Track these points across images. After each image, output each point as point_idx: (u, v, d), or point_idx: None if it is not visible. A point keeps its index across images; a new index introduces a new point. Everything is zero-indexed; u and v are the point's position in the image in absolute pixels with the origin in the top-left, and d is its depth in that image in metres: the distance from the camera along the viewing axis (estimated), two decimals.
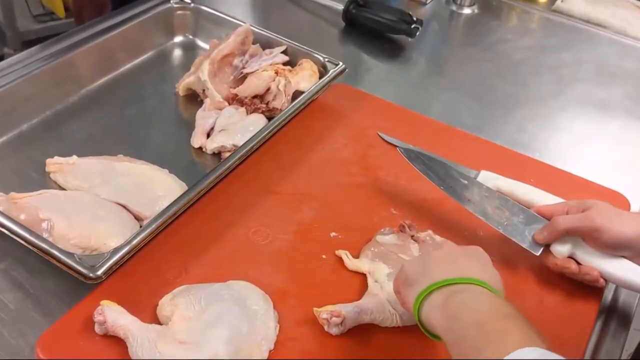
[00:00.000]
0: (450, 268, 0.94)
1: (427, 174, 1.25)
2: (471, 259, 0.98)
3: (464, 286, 0.91)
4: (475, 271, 0.94)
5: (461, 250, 1.01)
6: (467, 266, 0.95)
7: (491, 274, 0.96)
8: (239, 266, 1.15)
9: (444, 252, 1.00)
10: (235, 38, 1.56)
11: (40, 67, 1.45)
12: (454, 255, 0.99)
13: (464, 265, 0.95)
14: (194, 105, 1.51)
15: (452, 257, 0.98)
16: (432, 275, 0.93)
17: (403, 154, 1.30)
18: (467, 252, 1.00)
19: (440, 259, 0.97)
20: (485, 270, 0.96)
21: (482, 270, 0.95)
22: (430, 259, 0.98)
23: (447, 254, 0.99)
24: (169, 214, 1.14)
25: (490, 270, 0.97)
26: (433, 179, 1.25)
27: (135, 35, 1.64)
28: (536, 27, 2.12)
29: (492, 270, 0.97)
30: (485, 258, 1.00)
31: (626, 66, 1.90)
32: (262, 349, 1.00)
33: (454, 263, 0.96)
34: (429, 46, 1.96)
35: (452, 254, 0.99)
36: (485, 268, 0.97)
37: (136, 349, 0.96)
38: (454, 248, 1.03)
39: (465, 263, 0.96)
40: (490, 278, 0.94)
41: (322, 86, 1.49)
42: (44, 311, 1.07)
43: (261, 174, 1.35)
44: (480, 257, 1.00)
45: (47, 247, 1.04)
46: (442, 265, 0.95)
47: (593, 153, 1.56)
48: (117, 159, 1.31)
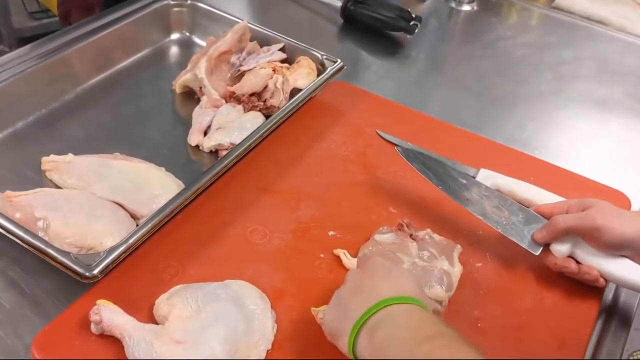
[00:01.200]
0: (359, 300, 0.92)
1: (425, 174, 1.25)
2: (373, 277, 0.95)
3: (380, 314, 0.88)
4: (384, 289, 0.92)
5: (362, 272, 0.98)
6: (373, 288, 0.93)
7: (399, 281, 0.95)
8: (236, 265, 1.15)
9: (349, 285, 0.97)
10: (233, 35, 1.56)
11: (36, 65, 1.45)
12: (358, 282, 0.96)
13: (369, 288, 0.93)
14: (190, 103, 1.51)
15: (357, 287, 0.95)
16: (349, 318, 0.91)
17: (401, 153, 1.30)
18: (369, 272, 0.97)
19: (349, 295, 0.95)
20: (392, 282, 0.94)
21: (390, 284, 0.93)
22: (340, 300, 0.96)
23: (354, 286, 0.96)
24: (166, 212, 1.14)
25: (396, 277, 0.96)
26: (431, 179, 1.24)
27: (132, 33, 1.64)
28: (536, 24, 2.13)
29: (398, 276, 0.96)
30: (386, 267, 0.98)
31: (627, 63, 1.90)
32: (260, 349, 1.00)
33: (360, 292, 0.93)
34: (428, 43, 1.96)
35: (357, 281, 0.96)
36: (391, 278, 0.95)
37: (132, 348, 0.96)
38: (355, 275, 0.99)
39: (369, 285, 0.94)
40: (400, 286, 0.93)
41: (320, 84, 1.49)
42: (39, 311, 1.07)
43: (259, 172, 1.35)
44: (382, 269, 0.97)
45: (42, 246, 1.03)
46: (351, 301, 0.93)
47: (593, 151, 1.56)
48: (113, 157, 1.31)
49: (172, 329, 0.98)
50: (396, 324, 0.87)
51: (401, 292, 0.91)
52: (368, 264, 1.00)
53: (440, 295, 1.09)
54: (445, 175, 1.25)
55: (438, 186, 1.23)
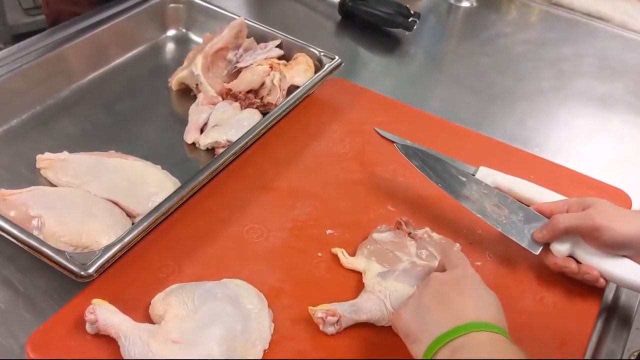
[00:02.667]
0: (444, 316, 0.92)
1: (424, 171, 1.25)
2: (462, 295, 0.95)
3: (465, 338, 0.88)
4: (470, 310, 0.92)
5: (451, 284, 0.97)
6: (460, 307, 0.93)
7: (488, 306, 0.94)
8: (233, 264, 1.15)
9: (435, 293, 0.96)
10: (229, 32, 1.56)
11: (31, 62, 1.44)
12: (444, 293, 0.95)
13: (457, 306, 0.93)
14: (187, 100, 1.51)
15: (443, 297, 0.95)
16: (429, 330, 0.91)
17: (400, 150, 1.29)
18: (458, 285, 0.97)
19: (433, 305, 0.94)
20: (480, 305, 0.94)
21: (477, 307, 0.93)
22: (423, 306, 0.95)
23: (439, 295, 0.96)
24: (162, 211, 1.14)
25: (484, 300, 0.95)
26: (430, 176, 1.24)
27: (127, 29, 1.64)
28: (536, 20, 2.13)
29: (487, 299, 0.96)
30: (476, 285, 0.97)
31: (627, 60, 1.90)
32: (257, 349, 1.00)
33: (446, 307, 0.93)
34: (427, 40, 1.96)
35: (443, 292, 0.96)
36: (480, 301, 0.95)
37: (128, 348, 0.96)
38: (442, 283, 0.98)
39: (458, 303, 0.93)
40: (489, 312, 0.93)
41: (318, 81, 1.49)
42: (34, 310, 1.07)
43: (255, 170, 1.35)
44: (472, 288, 0.97)
45: (37, 245, 1.03)
46: (436, 312, 0.93)
47: (594, 149, 1.56)
48: (108, 154, 1.31)
49: (168, 329, 0.98)
50: (479, 352, 0.86)
51: (487, 318, 0.91)
52: (458, 274, 0.99)
53: None
54: (445, 173, 1.25)
55: (437, 184, 1.23)
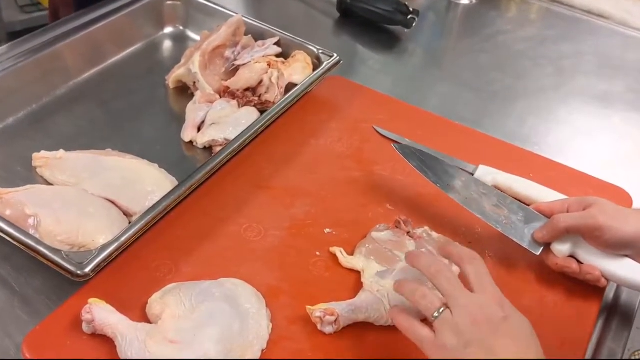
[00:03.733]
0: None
1: (423, 171, 1.25)
2: (507, 338, 0.90)
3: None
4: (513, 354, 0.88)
5: (488, 321, 0.91)
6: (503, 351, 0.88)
7: (527, 342, 0.91)
8: (231, 263, 1.15)
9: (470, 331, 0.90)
10: (227, 29, 1.56)
11: (27, 59, 1.44)
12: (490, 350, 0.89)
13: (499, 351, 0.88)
14: (184, 98, 1.51)
15: (482, 340, 0.89)
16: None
17: (398, 150, 1.29)
18: (494, 324, 0.91)
19: (474, 344, 0.89)
20: (521, 345, 0.90)
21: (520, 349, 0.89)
22: (460, 344, 0.89)
23: (476, 334, 0.90)
24: (159, 209, 1.14)
25: (524, 336, 0.92)
26: (429, 177, 1.24)
27: (124, 27, 1.64)
28: (536, 17, 2.13)
29: (526, 334, 0.92)
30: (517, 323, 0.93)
31: (628, 58, 1.90)
32: (255, 349, 1.00)
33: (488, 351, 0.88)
34: (426, 37, 1.96)
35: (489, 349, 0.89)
36: (520, 340, 0.91)
37: (125, 348, 0.96)
38: (479, 322, 0.91)
39: (500, 347, 0.88)
40: (530, 349, 0.90)
41: (316, 78, 1.49)
42: (30, 310, 1.07)
43: (253, 168, 1.35)
44: (511, 327, 0.92)
45: (33, 244, 1.03)
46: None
47: (594, 147, 1.56)
48: (105, 153, 1.31)
49: (165, 329, 0.98)
50: None
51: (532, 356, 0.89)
52: (516, 324, 0.93)
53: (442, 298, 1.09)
54: (444, 173, 1.25)
55: (436, 184, 1.23)
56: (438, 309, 0.93)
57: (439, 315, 0.93)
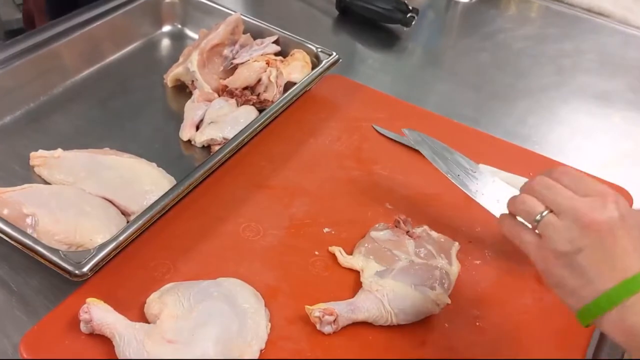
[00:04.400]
0: (609, 274, 0.83)
1: (433, 160, 1.22)
2: (625, 238, 0.84)
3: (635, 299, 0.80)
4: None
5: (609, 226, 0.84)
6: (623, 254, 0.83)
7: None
8: (229, 263, 1.15)
9: (593, 247, 0.84)
10: (225, 27, 1.56)
11: (24, 58, 1.44)
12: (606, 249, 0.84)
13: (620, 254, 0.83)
14: (182, 97, 1.51)
15: (605, 254, 0.84)
16: (593, 284, 0.83)
17: (408, 135, 1.28)
18: (613, 227, 0.84)
19: (594, 260, 0.84)
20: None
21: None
22: (580, 260, 0.85)
23: (600, 251, 0.84)
24: (157, 209, 1.14)
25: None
26: (440, 167, 1.21)
27: (122, 25, 1.64)
28: (536, 16, 2.13)
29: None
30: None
31: (629, 56, 1.90)
32: (253, 349, 1.00)
33: (610, 262, 0.83)
34: (425, 36, 1.96)
35: (605, 247, 0.84)
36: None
37: (123, 348, 0.96)
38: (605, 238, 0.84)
39: (620, 249, 0.83)
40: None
41: (315, 77, 1.49)
42: (28, 309, 1.07)
43: (252, 167, 1.35)
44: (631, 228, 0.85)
45: (31, 244, 1.03)
46: (597, 263, 0.84)
47: (595, 146, 1.56)
48: (103, 152, 1.31)
49: (163, 328, 0.98)
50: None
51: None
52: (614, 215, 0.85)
53: (442, 298, 1.09)
54: (454, 164, 1.23)
55: (447, 174, 1.19)
56: (540, 213, 0.89)
57: (542, 218, 0.88)
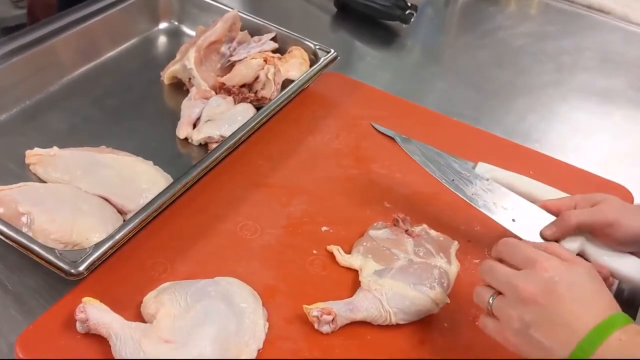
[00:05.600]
0: (563, 335, 0.85)
1: (426, 166, 1.24)
2: (585, 286, 0.89)
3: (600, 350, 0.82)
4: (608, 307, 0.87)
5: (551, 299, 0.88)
6: (597, 299, 0.88)
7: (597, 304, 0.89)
8: (227, 262, 1.15)
9: (534, 313, 0.87)
10: (223, 24, 1.56)
11: (20, 55, 1.44)
12: (548, 315, 0.87)
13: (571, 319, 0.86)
14: (179, 95, 1.51)
15: (550, 319, 0.86)
16: (555, 352, 0.85)
17: (400, 144, 1.29)
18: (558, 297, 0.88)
19: (542, 324, 0.86)
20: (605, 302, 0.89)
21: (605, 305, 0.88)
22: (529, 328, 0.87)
23: (541, 315, 0.87)
24: (154, 207, 1.14)
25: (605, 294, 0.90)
26: (434, 172, 1.22)
27: (119, 22, 1.64)
28: (536, 13, 2.13)
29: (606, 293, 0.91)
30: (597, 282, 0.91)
31: (629, 54, 1.90)
32: (251, 348, 1.00)
33: (560, 324, 0.85)
34: (424, 33, 1.96)
35: (546, 314, 0.87)
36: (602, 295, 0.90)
37: (119, 348, 0.96)
38: (539, 307, 0.88)
39: (591, 295, 0.88)
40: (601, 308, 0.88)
41: (313, 75, 1.49)
42: (23, 309, 1.07)
43: (249, 166, 1.35)
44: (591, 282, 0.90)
45: (26, 242, 1.03)
46: (570, 309, 0.86)
47: (595, 144, 1.56)
48: (99, 150, 1.31)
49: (160, 328, 0.98)
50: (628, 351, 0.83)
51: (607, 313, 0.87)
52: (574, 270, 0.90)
53: (441, 298, 1.09)
54: (448, 168, 1.24)
55: (440, 179, 1.22)
56: (490, 297, 0.93)
57: (492, 303, 0.93)
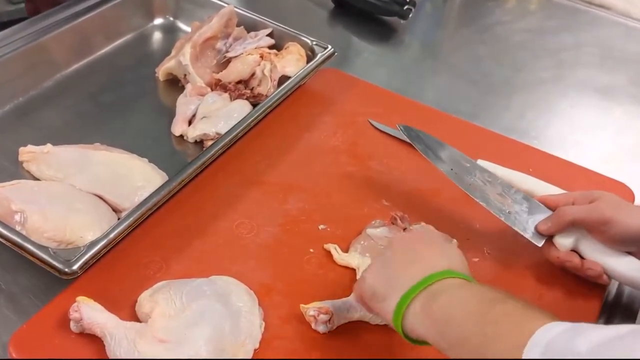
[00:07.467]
0: (414, 269, 0.92)
1: (426, 153, 1.24)
2: (430, 248, 0.96)
3: (437, 285, 0.88)
4: (440, 260, 0.93)
5: (414, 240, 1.00)
6: (429, 259, 0.93)
7: (453, 255, 0.96)
8: (222, 261, 1.15)
9: (400, 251, 0.97)
10: (219, 20, 1.56)
11: (13, 51, 1.44)
12: (411, 250, 0.96)
13: (426, 259, 0.93)
14: (174, 91, 1.51)
15: (410, 255, 0.95)
16: (400, 284, 0.91)
17: (402, 130, 1.29)
18: (420, 239, 1.00)
19: (400, 262, 0.95)
20: (448, 255, 0.95)
21: (445, 257, 0.94)
22: (390, 265, 0.96)
23: (404, 252, 0.96)
24: (149, 205, 1.14)
25: (448, 250, 0.97)
26: (434, 160, 1.23)
27: (113, 18, 1.64)
28: (535, 8, 2.13)
29: (450, 250, 0.98)
30: (438, 237, 1.00)
31: (630, 49, 1.91)
32: (247, 348, 1.00)
33: (415, 261, 0.93)
34: (423, 28, 1.96)
35: (409, 249, 0.97)
36: (446, 252, 0.97)
37: (114, 347, 0.96)
38: (405, 241, 1.00)
39: (426, 256, 0.94)
40: (454, 261, 0.94)
41: (310, 71, 1.49)
42: (17, 308, 1.07)
43: (245, 163, 1.35)
44: (434, 240, 1.00)
45: (20, 241, 1.03)
46: (405, 268, 0.93)
47: (595, 141, 1.57)
48: (93, 147, 1.31)
49: (155, 327, 0.98)
50: (456, 292, 0.87)
51: (455, 267, 0.92)
52: (419, 231, 1.03)
53: None
54: (449, 158, 1.24)
55: (440, 167, 1.22)
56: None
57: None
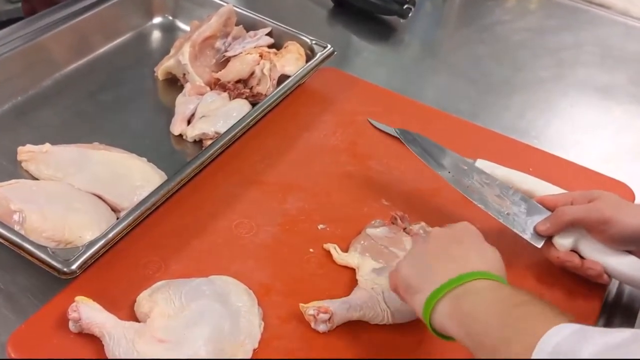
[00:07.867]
0: (450, 266, 0.92)
1: (424, 158, 1.24)
2: (466, 246, 0.97)
3: (470, 284, 0.89)
4: (474, 262, 0.93)
5: (452, 237, 1.00)
6: (467, 258, 0.94)
7: (489, 257, 0.96)
8: (222, 260, 1.15)
9: (436, 246, 0.98)
10: (218, 19, 1.56)
11: (11, 50, 1.44)
12: (447, 247, 0.97)
13: (463, 258, 0.94)
14: (173, 90, 1.51)
15: (447, 251, 0.96)
16: (434, 280, 0.92)
17: (399, 134, 1.29)
18: (459, 238, 1.00)
19: (436, 256, 0.96)
20: (482, 255, 0.96)
21: (480, 258, 0.95)
22: (426, 258, 0.97)
23: (441, 248, 0.97)
24: (148, 205, 1.14)
25: (486, 252, 0.97)
26: (431, 164, 1.24)
27: (112, 16, 1.64)
28: (535, 7, 2.12)
29: (488, 251, 0.97)
30: (477, 238, 1.00)
31: (630, 49, 1.90)
32: (246, 348, 1.00)
33: (452, 259, 0.94)
34: (422, 28, 1.96)
35: (446, 246, 0.98)
36: (482, 252, 0.97)
37: (113, 347, 0.96)
38: (444, 237, 1.00)
39: (461, 254, 0.95)
40: (490, 262, 0.95)
41: (309, 70, 1.49)
42: (15, 308, 1.07)
43: (245, 163, 1.35)
44: (473, 240, 1.00)
45: (18, 241, 1.03)
46: (440, 264, 0.94)
47: (595, 140, 1.57)
48: (92, 146, 1.30)
49: (154, 327, 0.98)
50: (485, 295, 0.88)
51: (490, 269, 0.93)
52: (459, 228, 1.02)
53: None
54: (445, 160, 1.24)
55: (437, 170, 1.22)
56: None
57: None
